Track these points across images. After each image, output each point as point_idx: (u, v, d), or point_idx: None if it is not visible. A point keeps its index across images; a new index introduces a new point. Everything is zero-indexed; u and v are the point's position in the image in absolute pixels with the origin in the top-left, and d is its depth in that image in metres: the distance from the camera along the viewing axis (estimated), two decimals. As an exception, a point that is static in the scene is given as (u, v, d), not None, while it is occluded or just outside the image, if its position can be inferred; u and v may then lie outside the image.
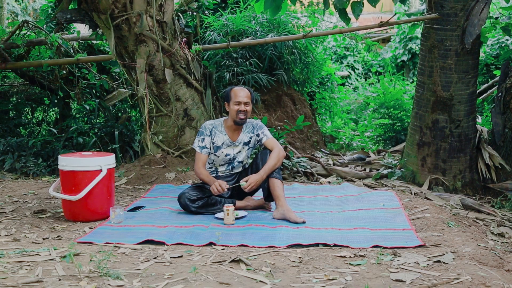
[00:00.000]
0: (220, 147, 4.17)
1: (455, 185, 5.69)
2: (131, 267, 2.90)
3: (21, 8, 12.87)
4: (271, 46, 7.53)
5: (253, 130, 4.23)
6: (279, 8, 5.58)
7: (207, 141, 4.17)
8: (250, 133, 4.23)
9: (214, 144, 4.17)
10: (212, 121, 4.27)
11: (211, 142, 4.18)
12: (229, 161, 4.22)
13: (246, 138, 4.21)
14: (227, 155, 4.19)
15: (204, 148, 4.17)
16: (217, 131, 4.18)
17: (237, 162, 4.25)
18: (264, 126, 4.25)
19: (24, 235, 3.56)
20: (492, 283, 2.59)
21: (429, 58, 5.70)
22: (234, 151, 4.20)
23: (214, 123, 4.23)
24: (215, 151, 4.18)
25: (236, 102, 4.07)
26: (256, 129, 4.23)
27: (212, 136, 4.17)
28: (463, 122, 5.66)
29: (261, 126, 4.24)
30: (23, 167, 6.44)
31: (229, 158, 4.20)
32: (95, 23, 5.50)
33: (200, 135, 4.19)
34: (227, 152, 4.18)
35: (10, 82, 7.78)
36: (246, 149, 4.24)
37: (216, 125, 4.21)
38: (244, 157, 4.26)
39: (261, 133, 4.21)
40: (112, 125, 7.23)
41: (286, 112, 7.77)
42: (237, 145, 4.20)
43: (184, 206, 4.06)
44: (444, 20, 5.57)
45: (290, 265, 2.94)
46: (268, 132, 4.23)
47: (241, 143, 4.21)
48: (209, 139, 4.17)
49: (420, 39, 6.17)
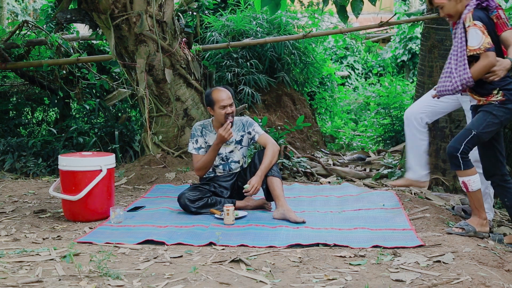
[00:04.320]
0: None
1: (455, 185, 5.69)
2: (131, 267, 2.90)
3: (21, 8, 12.87)
4: (271, 47, 7.53)
5: (243, 128, 4.22)
6: (278, 6, 5.57)
7: (200, 142, 4.19)
8: (241, 131, 4.22)
9: (207, 143, 4.18)
10: (200, 122, 4.28)
11: (205, 142, 4.19)
12: (223, 160, 4.22)
13: (237, 137, 4.22)
14: (219, 154, 4.20)
15: (201, 149, 4.19)
16: (207, 131, 4.20)
17: (232, 162, 4.25)
18: (255, 123, 4.24)
19: (24, 235, 3.56)
20: (492, 283, 2.60)
21: (429, 58, 5.70)
22: (227, 150, 4.20)
23: (203, 123, 4.25)
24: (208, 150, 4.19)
25: (221, 106, 4.04)
26: (247, 127, 4.22)
27: (204, 136, 4.19)
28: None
29: (251, 123, 4.23)
30: (23, 167, 6.44)
31: (221, 157, 4.21)
32: (95, 23, 5.50)
33: (193, 137, 4.21)
34: (220, 151, 4.19)
35: (10, 82, 7.78)
36: (239, 148, 4.23)
37: (205, 125, 4.23)
38: (240, 156, 4.25)
39: (252, 131, 4.21)
40: (112, 125, 7.23)
41: (286, 112, 7.77)
42: (229, 144, 4.20)
43: (184, 206, 4.06)
44: (444, 20, 5.57)
45: (290, 265, 2.94)
46: (259, 128, 4.22)
47: (233, 142, 4.21)
48: (202, 139, 4.20)
49: (420, 39, 6.17)
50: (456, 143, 3.41)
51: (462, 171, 3.40)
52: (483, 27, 3.37)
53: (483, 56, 3.36)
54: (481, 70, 3.37)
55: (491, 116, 3.40)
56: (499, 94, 3.41)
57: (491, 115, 3.41)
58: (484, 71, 3.38)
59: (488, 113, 3.42)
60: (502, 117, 3.41)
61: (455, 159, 3.39)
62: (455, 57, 3.45)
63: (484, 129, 3.39)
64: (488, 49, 3.33)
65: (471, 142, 3.39)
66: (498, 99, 3.41)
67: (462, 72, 3.40)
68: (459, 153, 3.37)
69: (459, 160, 3.38)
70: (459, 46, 3.44)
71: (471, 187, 3.43)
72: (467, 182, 3.42)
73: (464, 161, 3.38)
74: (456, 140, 3.42)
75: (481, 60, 3.36)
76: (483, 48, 3.34)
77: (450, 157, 3.42)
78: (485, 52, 3.34)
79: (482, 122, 3.40)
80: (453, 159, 3.41)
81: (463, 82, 3.40)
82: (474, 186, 3.43)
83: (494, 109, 3.41)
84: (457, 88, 3.43)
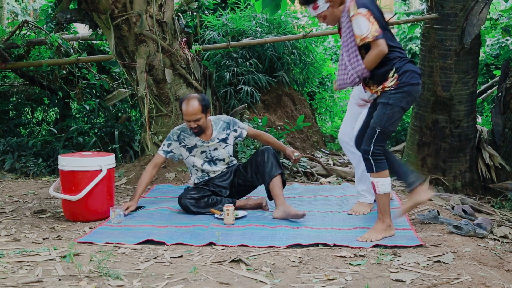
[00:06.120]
0: (194, 147, 4.18)
1: (455, 185, 5.70)
2: (131, 267, 2.90)
3: (21, 8, 12.85)
4: (271, 47, 7.53)
5: (228, 126, 4.24)
6: (278, 7, 5.57)
7: (173, 146, 4.19)
8: (226, 129, 4.24)
9: (187, 146, 4.17)
10: (179, 126, 4.26)
11: (180, 147, 4.18)
12: (207, 158, 4.21)
13: (221, 136, 4.22)
14: (203, 152, 4.20)
15: (169, 153, 4.20)
16: (186, 134, 4.18)
17: (217, 160, 4.23)
18: (236, 119, 4.30)
19: (24, 235, 3.56)
20: (492, 283, 2.60)
21: (429, 58, 5.71)
22: (210, 148, 4.20)
23: (182, 127, 4.22)
24: (190, 151, 4.18)
25: (186, 120, 4.04)
26: (232, 125, 4.25)
27: (181, 141, 4.18)
28: (463, 122, 5.66)
29: (235, 121, 4.28)
30: (23, 167, 6.44)
31: (206, 156, 4.20)
32: (95, 23, 5.50)
33: (167, 140, 4.21)
34: (202, 149, 4.19)
35: (10, 82, 7.79)
36: (224, 146, 4.23)
37: (184, 128, 4.21)
38: (225, 155, 4.24)
39: (238, 128, 4.26)
40: (112, 125, 7.23)
41: (286, 112, 7.76)
42: (210, 142, 4.19)
43: (185, 207, 4.05)
44: (444, 20, 5.57)
45: (290, 265, 2.94)
46: (242, 124, 4.30)
47: (215, 141, 4.20)
48: (177, 144, 4.18)
49: (420, 39, 6.17)
50: (365, 145, 3.31)
51: (374, 173, 3.32)
52: (368, 13, 3.22)
53: (373, 45, 3.23)
54: (374, 60, 3.25)
55: (389, 107, 3.28)
56: (394, 78, 3.29)
57: (387, 106, 3.28)
58: (376, 60, 3.25)
59: (384, 105, 3.29)
60: (401, 103, 3.29)
61: (367, 161, 3.31)
62: (346, 48, 3.33)
63: (386, 123, 3.28)
64: (377, 37, 3.20)
65: (379, 140, 3.29)
66: (393, 84, 3.28)
67: (355, 64, 3.29)
68: (369, 155, 3.29)
69: (371, 162, 3.30)
70: (348, 37, 3.32)
71: (379, 190, 3.33)
72: (376, 184, 3.32)
73: (376, 162, 3.29)
74: (365, 142, 3.32)
75: (372, 49, 3.24)
76: (371, 37, 3.21)
77: (363, 159, 3.33)
78: (374, 40, 3.21)
79: (382, 117, 3.29)
80: (366, 161, 3.32)
81: (358, 74, 3.30)
82: (382, 189, 3.33)
83: (390, 98, 3.28)
84: (354, 81, 3.33)
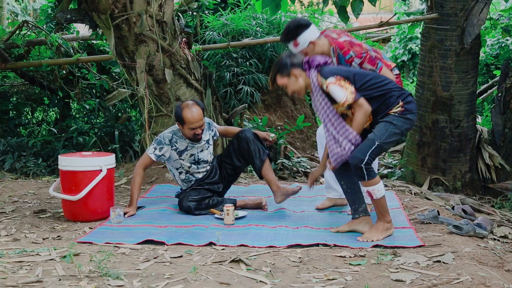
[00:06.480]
0: (184, 151, 4.17)
1: (455, 185, 5.70)
2: (131, 267, 2.90)
3: (21, 8, 12.85)
4: (271, 47, 7.52)
5: (209, 126, 4.30)
6: (279, 7, 5.57)
7: (165, 150, 4.13)
8: (209, 130, 4.29)
9: (178, 149, 4.16)
10: (169, 130, 4.21)
11: (171, 151, 4.15)
12: (194, 160, 4.22)
13: (206, 137, 4.26)
14: (192, 155, 4.20)
15: (161, 157, 4.15)
16: (177, 138, 4.16)
17: (202, 161, 4.24)
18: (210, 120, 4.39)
19: (24, 235, 3.56)
20: (492, 283, 2.60)
21: (429, 58, 5.71)
22: (198, 150, 4.21)
23: (173, 130, 4.19)
24: (180, 155, 4.17)
25: (191, 128, 4.02)
26: (211, 125, 4.32)
27: (173, 144, 4.15)
28: (463, 122, 5.67)
29: (211, 121, 4.37)
30: (23, 167, 6.44)
31: (193, 158, 4.20)
32: (95, 23, 5.50)
33: (159, 144, 4.12)
34: (192, 152, 4.19)
35: (10, 82, 7.78)
36: (207, 147, 4.27)
37: (175, 131, 4.18)
38: (208, 156, 4.27)
39: (214, 128, 4.35)
40: (112, 125, 7.23)
41: (286, 112, 7.76)
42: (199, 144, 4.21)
43: (187, 210, 4.05)
44: (444, 20, 5.57)
45: (290, 265, 2.95)
46: (215, 123, 4.41)
47: (202, 142, 4.22)
48: (168, 148, 4.14)
49: (420, 39, 6.17)
50: (360, 154, 3.34)
51: (366, 182, 3.37)
52: (336, 79, 3.37)
53: (356, 107, 3.37)
54: (362, 121, 3.38)
55: (393, 126, 3.38)
56: (399, 106, 3.40)
57: (392, 125, 3.38)
58: (364, 119, 3.39)
59: (389, 123, 3.39)
60: (402, 127, 3.41)
61: (359, 170, 3.34)
62: (328, 120, 3.45)
63: (386, 139, 3.36)
64: (355, 98, 3.33)
65: (374, 153, 3.34)
66: (398, 110, 3.39)
67: (346, 134, 3.40)
68: (363, 164, 3.32)
69: (363, 171, 3.33)
70: (328, 110, 3.43)
71: (376, 196, 3.39)
72: (372, 192, 3.38)
73: (368, 171, 3.33)
74: (359, 151, 3.35)
75: (357, 112, 3.37)
76: (350, 99, 3.32)
77: (354, 168, 3.36)
78: (355, 102, 3.34)
79: (384, 132, 3.37)
80: (357, 170, 3.35)
81: (352, 142, 3.38)
82: (379, 194, 3.39)
83: (394, 119, 3.39)
84: (350, 149, 3.39)
